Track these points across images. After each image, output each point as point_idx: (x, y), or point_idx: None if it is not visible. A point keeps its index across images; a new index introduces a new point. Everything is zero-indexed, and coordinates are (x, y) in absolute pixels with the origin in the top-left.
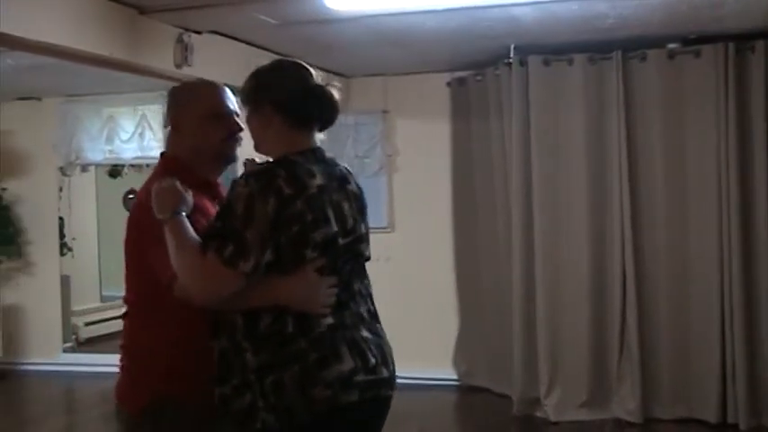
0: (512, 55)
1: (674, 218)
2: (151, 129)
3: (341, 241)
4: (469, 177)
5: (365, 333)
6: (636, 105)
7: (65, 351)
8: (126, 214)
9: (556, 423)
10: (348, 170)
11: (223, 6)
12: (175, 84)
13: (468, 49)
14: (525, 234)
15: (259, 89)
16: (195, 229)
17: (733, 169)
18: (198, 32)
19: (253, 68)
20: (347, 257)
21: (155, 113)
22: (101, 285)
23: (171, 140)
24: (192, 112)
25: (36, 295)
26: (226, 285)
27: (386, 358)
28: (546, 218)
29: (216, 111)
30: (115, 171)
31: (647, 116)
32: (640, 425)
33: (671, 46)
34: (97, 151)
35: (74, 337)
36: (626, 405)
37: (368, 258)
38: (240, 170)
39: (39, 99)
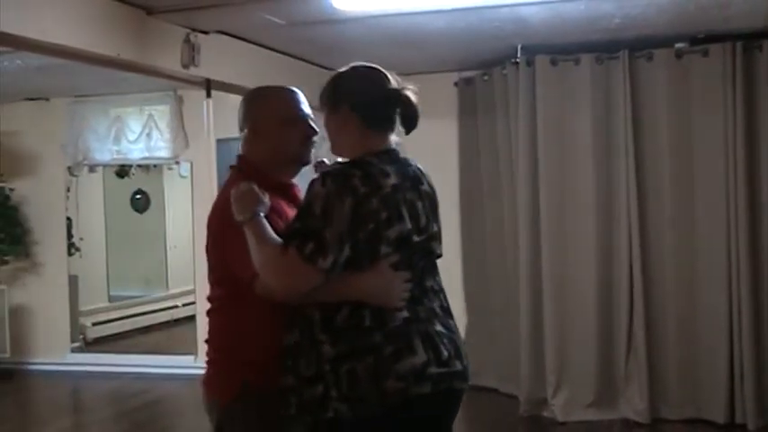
0: (519, 55)
1: (681, 217)
2: (158, 129)
3: (415, 238)
4: (477, 177)
5: (438, 327)
6: (643, 105)
7: (72, 351)
8: (133, 214)
9: (563, 423)
10: (422, 170)
11: (230, 7)
12: (183, 84)
13: (476, 48)
14: (532, 235)
15: (338, 92)
16: (273, 230)
17: (741, 168)
18: (205, 33)
19: (260, 69)
20: (420, 254)
21: (162, 114)
22: (108, 285)
23: (248, 144)
24: (271, 116)
25: (44, 295)
26: (306, 281)
27: (459, 352)
28: (553, 218)
29: (293, 115)
30: (123, 171)
31: (654, 116)
32: (648, 425)
33: (678, 45)
34: (105, 151)
35: (81, 337)
36: (634, 405)
37: (439, 256)
38: (311, 171)
39: (46, 99)
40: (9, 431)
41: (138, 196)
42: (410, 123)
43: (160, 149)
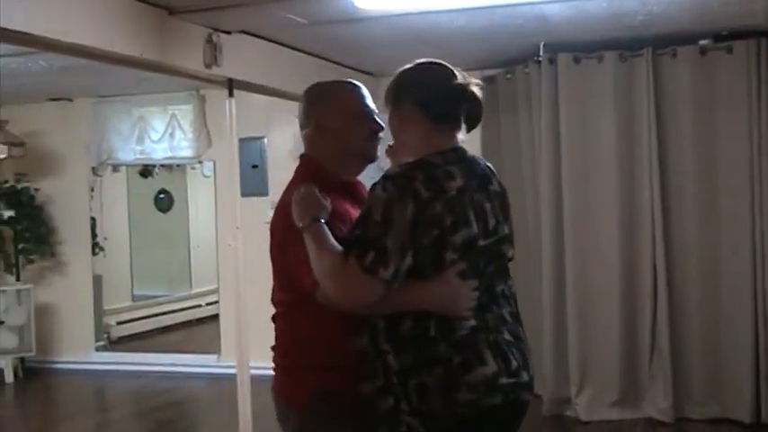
0: (541, 53)
1: (705, 216)
2: (181, 129)
3: (481, 243)
4: (499, 176)
5: (507, 336)
6: (666, 102)
7: (97, 350)
8: (157, 213)
9: (587, 422)
10: (491, 169)
11: (252, 6)
12: (206, 84)
13: (498, 47)
14: (555, 234)
15: (401, 87)
16: (334, 236)
17: (765, 166)
18: (227, 32)
19: (282, 68)
20: (489, 259)
21: (185, 113)
22: (132, 285)
23: (313, 141)
24: (338, 111)
25: (68, 294)
26: (368, 293)
27: (526, 362)
28: (576, 217)
29: (359, 110)
30: (146, 171)
31: (677, 113)
32: (672, 424)
33: (702, 42)
34: (128, 151)
35: (105, 336)
36: (658, 404)
37: (511, 258)
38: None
39: (70, 100)
40: (35, 428)
41: (162, 196)
42: (474, 121)
43: (183, 149)
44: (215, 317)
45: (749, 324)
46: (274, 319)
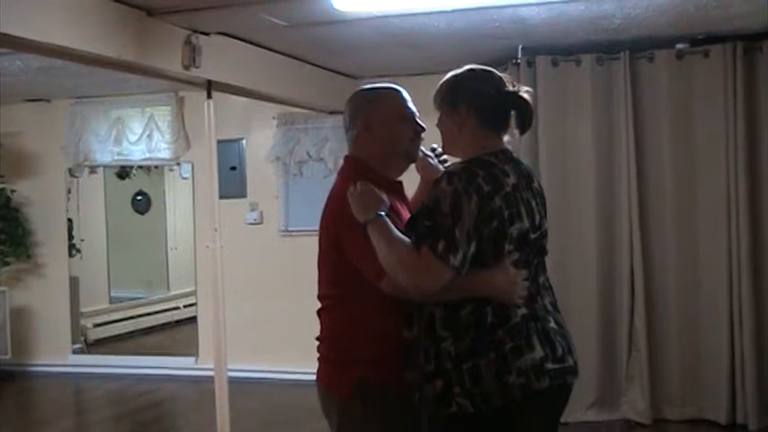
0: (520, 55)
1: (682, 218)
2: (159, 130)
3: (531, 236)
4: None
5: (552, 324)
6: (644, 106)
7: (74, 352)
8: (134, 215)
9: (564, 424)
10: (530, 169)
11: (231, 8)
12: (184, 85)
13: (477, 49)
14: None
15: (456, 92)
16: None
17: (741, 169)
18: (206, 34)
19: (261, 70)
20: (535, 251)
21: (163, 115)
22: (109, 287)
23: (360, 142)
24: (385, 114)
25: (45, 297)
26: (440, 278)
27: (570, 348)
28: (554, 218)
29: (404, 112)
30: (124, 172)
31: (655, 116)
32: (649, 426)
33: (679, 46)
34: (105, 153)
35: (82, 338)
36: (635, 406)
37: (547, 253)
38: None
39: (47, 101)
40: None
41: (140, 197)
42: (526, 124)
43: (161, 151)
44: (193, 319)
45: (725, 326)
46: (319, 313)
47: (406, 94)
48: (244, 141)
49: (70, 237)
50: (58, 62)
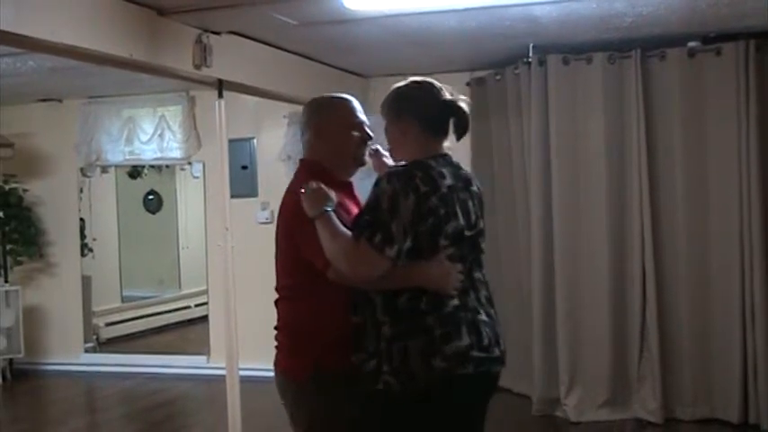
0: (531, 54)
1: (694, 217)
2: (171, 130)
3: (466, 233)
4: (489, 177)
5: (483, 316)
6: (655, 104)
7: (86, 351)
8: (146, 214)
9: (576, 423)
10: (471, 174)
11: (242, 7)
12: (195, 85)
13: (488, 48)
14: (545, 234)
15: (401, 103)
16: (342, 223)
17: (754, 166)
18: (217, 33)
19: (272, 69)
20: (470, 248)
21: (174, 114)
22: (121, 286)
23: (312, 146)
24: (335, 121)
25: (57, 296)
26: (376, 268)
27: (498, 339)
28: (565, 218)
29: (353, 121)
30: (135, 172)
31: (666, 115)
32: (661, 425)
33: (691, 44)
34: (117, 152)
35: (95, 337)
36: (647, 405)
37: (484, 251)
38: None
39: (59, 101)
40: (24, 431)
41: (151, 197)
42: (462, 131)
43: (172, 150)
44: (204, 318)
45: (737, 325)
46: (276, 303)
47: (357, 104)
48: (255, 140)
49: (82, 236)
50: (71, 62)
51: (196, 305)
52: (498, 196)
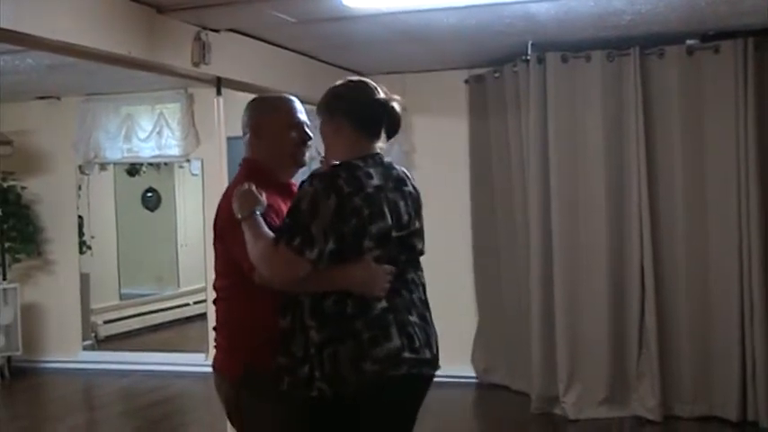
0: (529, 52)
1: (693, 215)
2: (169, 127)
3: (395, 234)
4: (487, 175)
5: (413, 318)
6: (654, 102)
7: (84, 349)
8: (144, 212)
9: (575, 421)
10: (406, 174)
11: (241, 4)
12: (194, 82)
13: (486, 46)
14: (543, 232)
15: (334, 102)
16: (270, 226)
17: (753, 165)
18: (216, 31)
19: (270, 66)
20: (402, 249)
21: (173, 112)
22: (120, 283)
23: (252, 145)
24: (274, 121)
25: (55, 293)
26: (296, 270)
27: (429, 341)
28: (564, 216)
29: (292, 121)
30: (133, 169)
31: (665, 113)
32: (660, 423)
33: (689, 42)
34: (116, 150)
35: (93, 335)
36: (645, 403)
37: (422, 252)
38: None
39: (58, 98)
40: (22, 428)
41: (149, 194)
42: (392, 131)
43: (171, 147)
44: (203, 315)
45: (736, 324)
46: (215, 302)
47: (297, 104)
48: None
49: (80, 234)
50: (69, 60)
51: (195, 302)
52: (496, 194)
